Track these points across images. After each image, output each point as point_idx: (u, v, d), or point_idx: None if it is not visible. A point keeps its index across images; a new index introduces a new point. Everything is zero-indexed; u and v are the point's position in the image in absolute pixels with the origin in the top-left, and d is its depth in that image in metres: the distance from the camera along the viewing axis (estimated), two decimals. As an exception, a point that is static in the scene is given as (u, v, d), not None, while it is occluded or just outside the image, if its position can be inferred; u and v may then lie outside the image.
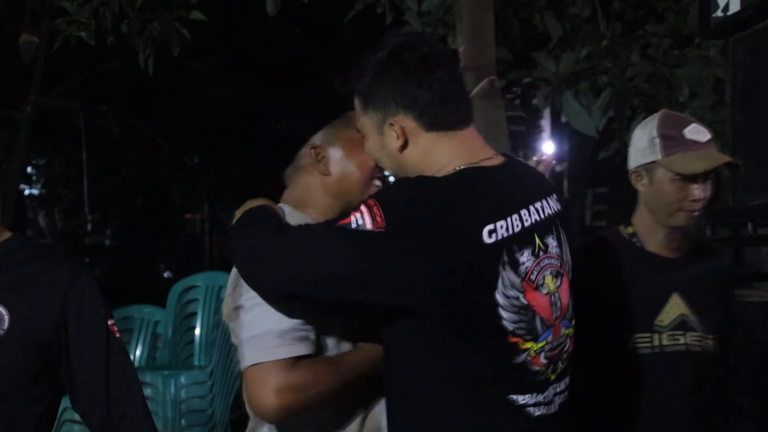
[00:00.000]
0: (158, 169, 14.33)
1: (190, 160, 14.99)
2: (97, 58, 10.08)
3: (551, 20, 5.13)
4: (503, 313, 1.98)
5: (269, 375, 2.04)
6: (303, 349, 2.06)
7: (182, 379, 5.54)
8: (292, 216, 2.25)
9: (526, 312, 2.02)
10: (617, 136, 4.79)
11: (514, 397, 2.02)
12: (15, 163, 9.48)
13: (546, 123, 16.93)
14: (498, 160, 2.10)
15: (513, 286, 1.99)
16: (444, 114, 2.08)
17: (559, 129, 15.84)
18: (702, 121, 4.65)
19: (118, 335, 2.18)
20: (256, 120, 11.97)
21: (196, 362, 5.85)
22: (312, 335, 2.10)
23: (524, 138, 17.29)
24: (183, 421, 5.51)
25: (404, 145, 2.11)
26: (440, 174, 2.05)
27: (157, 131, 12.73)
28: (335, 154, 2.31)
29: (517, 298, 2.00)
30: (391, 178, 2.28)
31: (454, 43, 4.89)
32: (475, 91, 4.48)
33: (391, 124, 2.11)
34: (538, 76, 4.92)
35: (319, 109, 2.48)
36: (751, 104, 3.75)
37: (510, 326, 1.99)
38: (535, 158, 3.07)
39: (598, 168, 7.80)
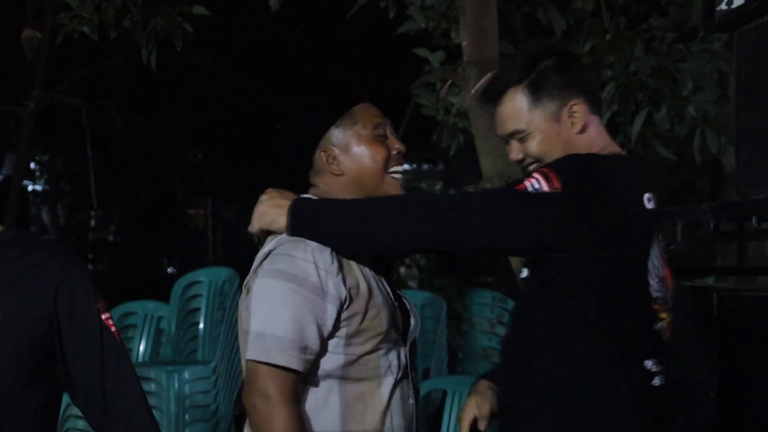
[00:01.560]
0: (161, 165, 14.33)
1: (193, 155, 14.98)
2: (99, 53, 10.07)
3: (555, 14, 5.12)
4: (650, 280, 2.14)
5: (260, 372, 2.15)
6: (295, 363, 2.15)
7: (186, 375, 5.55)
8: None
9: (662, 283, 2.17)
10: (621, 129, 4.77)
11: (648, 363, 2.15)
12: (18, 159, 9.48)
13: (549, 118, 16.92)
14: None
15: (657, 256, 2.15)
16: (600, 103, 2.29)
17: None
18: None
19: (114, 329, 2.12)
20: (259, 116, 11.96)
21: (199, 357, 5.85)
22: (311, 350, 2.18)
23: (527, 133, 17.28)
24: (187, 416, 5.52)
25: (584, 127, 2.24)
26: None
27: (161, 127, 12.72)
28: (345, 152, 2.34)
29: (658, 269, 2.16)
30: (406, 166, 2.32)
31: (458, 38, 4.88)
32: (478, 85, 4.47)
33: (573, 107, 2.23)
34: (542, 71, 4.90)
35: (323, 104, 2.51)
36: (755, 98, 3.74)
37: (654, 293, 2.15)
38: None
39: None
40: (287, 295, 2.17)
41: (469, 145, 5.00)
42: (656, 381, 2.16)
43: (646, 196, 2.17)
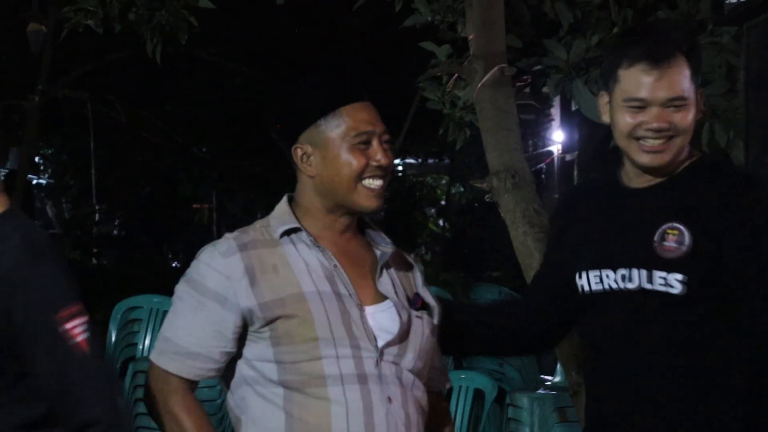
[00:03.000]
0: (166, 159, 14.33)
1: (198, 150, 14.98)
2: (104, 47, 10.06)
3: (562, 7, 5.08)
4: None
5: (152, 370, 2.18)
6: (175, 367, 2.15)
7: (191, 369, 5.53)
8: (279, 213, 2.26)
9: None
10: (628, 124, 4.74)
11: None
12: (23, 153, 9.48)
13: (556, 112, 16.89)
14: None
15: None
16: None
17: (569, 118, 15.80)
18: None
19: (80, 338, 1.92)
20: (264, 109, 11.95)
21: (204, 352, 5.84)
22: (201, 357, 2.15)
23: (534, 127, 17.27)
24: (192, 410, 5.50)
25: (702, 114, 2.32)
26: None
27: (165, 121, 12.72)
28: (319, 154, 2.20)
29: None
30: (379, 182, 2.21)
31: (464, 31, 4.86)
32: (485, 79, 4.45)
33: (701, 91, 2.26)
34: (549, 64, 4.89)
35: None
36: (764, 91, 3.73)
37: None
38: None
39: (608, 157, 7.76)
40: (185, 301, 2.17)
41: (476, 139, 4.98)
42: None
43: None
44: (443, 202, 17.89)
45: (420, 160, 18.30)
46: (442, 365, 2.38)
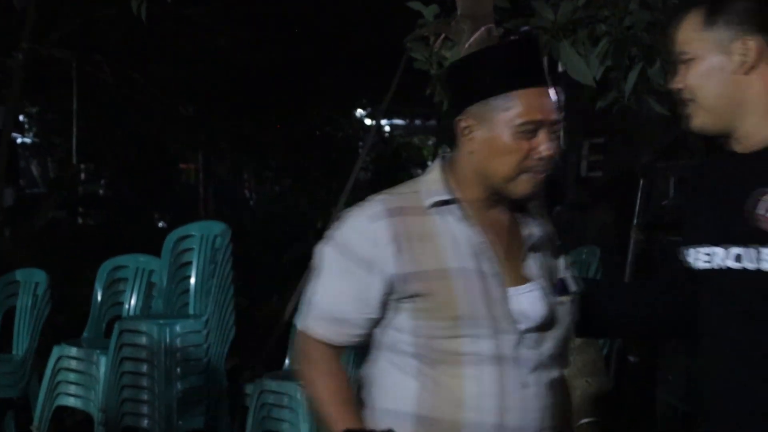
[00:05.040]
0: (154, 120, 14.25)
1: (185, 110, 14.90)
2: (90, 5, 9.97)
3: (550, -32, 5.06)
4: None
5: (299, 335, 2.20)
6: (320, 332, 2.16)
7: (177, 328, 5.56)
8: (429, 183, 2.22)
9: None
10: (614, 85, 4.75)
11: None
12: (8, 111, 9.42)
13: (543, 73, 16.84)
14: None
15: None
16: None
17: (555, 79, 15.77)
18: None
19: None
20: (252, 70, 11.88)
21: (191, 311, 5.86)
22: (346, 321, 2.15)
23: (520, 88, 17.21)
24: (179, 369, 5.53)
25: (752, 68, 2.06)
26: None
27: (153, 81, 12.63)
28: (483, 131, 2.14)
29: None
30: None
31: (451, -9, 4.84)
32: (472, 39, 4.44)
33: (746, 42, 2.05)
34: (536, 25, 4.87)
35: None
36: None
37: None
38: None
39: (594, 118, 7.78)
40: (331, 265, 2.15)
41: (462, 99, 4.96)
42: None
43: None
44: (429, 163, 17.89)
45: (407, 121, 18.25)
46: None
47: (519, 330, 2.13)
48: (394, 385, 2.15)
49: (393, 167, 15.30)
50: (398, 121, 18.46)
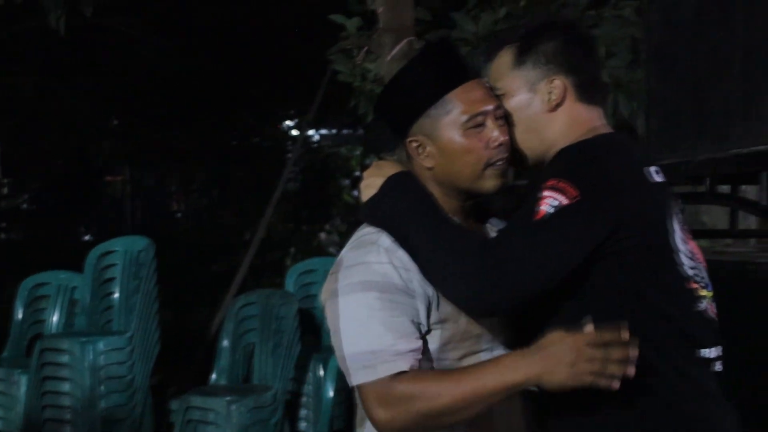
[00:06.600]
0: (77, 131, 14.05)
1: (109, 121, 14.72)
2: (7, 18, 9.80)
3: (470, -20, 5.11)
4: (681, 258, 2.04)
5: (370, 392, 2.00)
6: (401, 365, 2.00)
7: (101, 345, 5.47)
8: None
9: (693, 259, 2.08)
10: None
11: (704, 351, 2.06)
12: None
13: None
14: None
15: (678, 231, 2.06)
16: (594, 90, 2.17)
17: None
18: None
19: None
20: (177, 80, 11.78)
21: (115, 328, 5.77)
22: (415, 348, 2.04)
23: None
24: (102, 387, 5.45)
25: (557, 106, 2.15)
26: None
27: (76, 92, 12.45)
28: (434, 144, 2.12)
29: (684, 243, 2.07)
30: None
31: (373, 4, 4.86)
32: (394, 52, 4.46)
33: (552, 82, 2.14)
34: (457, 37, 4.91)
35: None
36: (665, 64, 3.79)
37: (689, 272, 2.05)
38: None
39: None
40: (373, 306, 2.02)
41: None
42: (717, 366, 2.07)
43: (652, 169, 2.07)
44: (357, 173, 17.90)
45: (335, 131, 18.25)
46: None
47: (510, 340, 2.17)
48: None
49: (321, 178, 15.29)
50: (325, 131, 18.46)
